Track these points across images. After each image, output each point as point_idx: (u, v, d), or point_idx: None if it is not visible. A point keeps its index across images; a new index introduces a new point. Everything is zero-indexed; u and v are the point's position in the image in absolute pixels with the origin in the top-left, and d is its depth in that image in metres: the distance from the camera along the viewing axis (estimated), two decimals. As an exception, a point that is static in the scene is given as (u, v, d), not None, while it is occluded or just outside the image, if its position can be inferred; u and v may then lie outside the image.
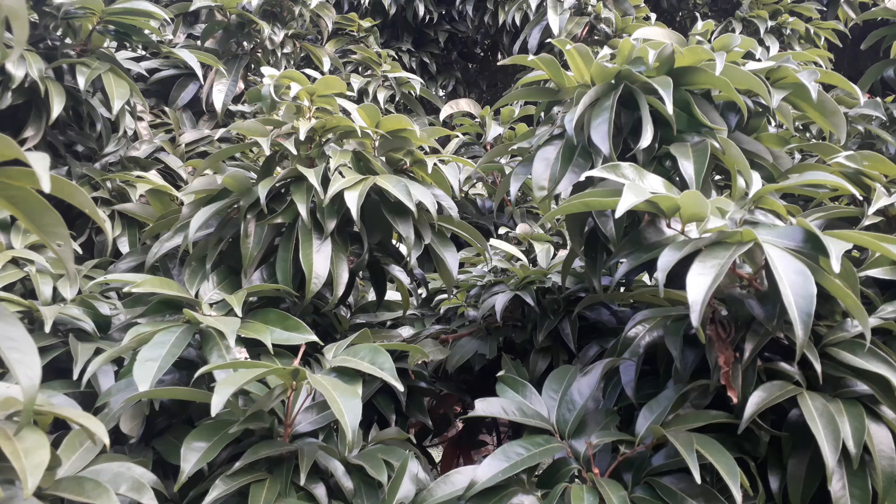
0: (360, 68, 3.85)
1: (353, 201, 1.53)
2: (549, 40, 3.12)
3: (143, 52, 3.01)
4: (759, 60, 1.58)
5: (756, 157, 1.55)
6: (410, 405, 2.01)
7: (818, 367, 1.19)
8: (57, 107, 2.02)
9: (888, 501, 1.16)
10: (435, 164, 1.74)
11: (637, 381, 1.43)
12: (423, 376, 2.01)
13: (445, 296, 2.22)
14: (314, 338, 1.48)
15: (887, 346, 1.27)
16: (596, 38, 3.47)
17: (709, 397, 1.29)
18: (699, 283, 0.98)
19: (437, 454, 3.35)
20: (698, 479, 1.08)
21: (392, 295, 2.19)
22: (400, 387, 1.28)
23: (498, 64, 2.14)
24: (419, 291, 2.46)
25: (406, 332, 2.14)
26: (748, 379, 1.24)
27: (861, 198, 1.42)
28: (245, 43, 3.06)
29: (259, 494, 1.23)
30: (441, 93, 4.67)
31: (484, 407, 1.34)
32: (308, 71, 2.38)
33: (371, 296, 2.23)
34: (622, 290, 1.86)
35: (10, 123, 2.13)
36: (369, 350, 1.35)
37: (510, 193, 1.50)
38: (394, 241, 1.96)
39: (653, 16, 3.67)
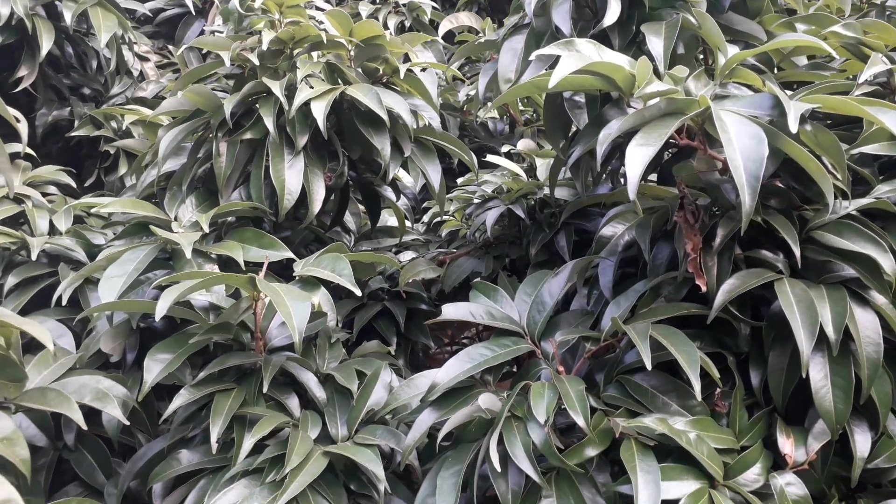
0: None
1: (319, 112, 1.48)
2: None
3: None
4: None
5: (751, 39, 1.42)
6: (412, 327, 1.99)
7: (796, 251, 1.10)
8: (46, 44, 2.03)
9: (874, 389, 1.07)
10: (412, 73, 1.66)
11: (619, 284, 1.36)
12: (422, 298, 1.98)
13: (446, 218, 2.17)
14: (290, 254, 1.46)
15: (886, 230, 1.16)
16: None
17: (683, 290, 1.21)
18: (637, 155, 0.90)
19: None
20: (649, 366, 1.02)
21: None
22: (357, 291, 1.25)
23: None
24: (425, 219, 2.42)
25: (408, 257, 2.11)
26: (723, 268, 1.15)
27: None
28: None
29: (224, 403, 1.23)
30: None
31: (451, 311, 1.30)
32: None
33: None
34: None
35: (7, 63, 2.15)
36: (331, 259, 1.32)
37: (479, 92, 1.42)
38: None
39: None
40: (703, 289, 1.13)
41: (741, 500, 1.06)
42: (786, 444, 1.10)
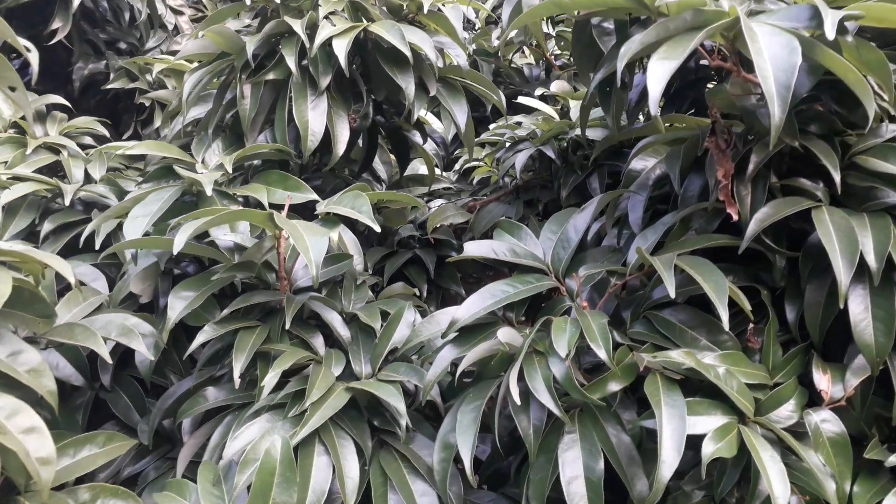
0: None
1: (341, 49, 1.45)
2: None
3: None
4: None
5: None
6: (443, 274, 1.97)
7: (836, 176, 1.03)
8: (77, -6, 2.04)
9: (919, 322, 1.00)
10: (438, 11, 1.61)
11: (651, 222, 1.30)
12: (452, 245, 1.96)
13: (477, 164, 2.13)
14: (315, 196, 1.45)
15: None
16: None
17: (714, 223, 1.15)
18: (659, 69, 0.84)
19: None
20: (672, 294, 0.97)
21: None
22: (376, 227, 1.23)
23: None
24: (457, 168, 2.38)
25: (437, 205, 2.08)
26: (757, 197, 1.09)
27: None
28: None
29: (247, 340, 1.24)
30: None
31: (474, 248, 1.27)
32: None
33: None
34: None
35: (40, 18, 2.17)
36: (351, 197, 1.30)
37: (503, 22, 1.36)
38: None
39: None
40: (735, 217, 1.07)
41: (773, 436, 1.02)
42: (822, 379, 1.05)
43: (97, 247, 1.56)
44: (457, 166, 2.29)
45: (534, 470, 1.10)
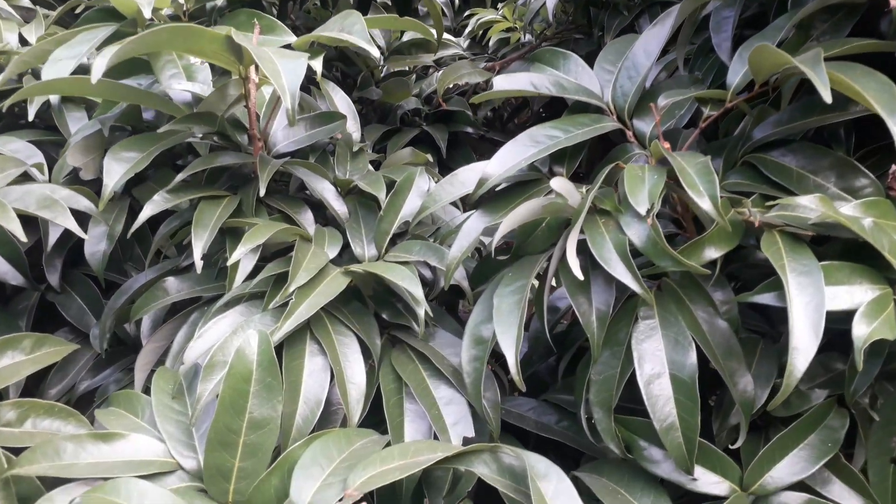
0: None
1: None
2: None
3: None
4: None
5: None
6: (456, 156, 1.67)
7: None
8: None
9: None
10: None
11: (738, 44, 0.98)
12: (468, 118, 1.64)
13: (493, 17, 1.77)
14: (293, 38, 1.12)
15: None
16: None
17: (844, 28, 0.83)
18: None
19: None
20: (828, 97, 0.66)
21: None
22: (374, 52, 0.91)
23: None
24: (468, 33, 2.03)
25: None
26: (918, -20, 0.77)
27: None
28: None
29: (211, 211, 0.94)
30: None
31: (505, 83, 0.96)
32: None
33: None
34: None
35: None
36: (339, 18, 0.97)
37: None
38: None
39: None
40: (892, 3, 0.75)
41: (936, 312, 0.73)
42: None
43: (30, 117, 1.26)
44: (468, 28, 1.94)
45: (597, 368, 0.82)
